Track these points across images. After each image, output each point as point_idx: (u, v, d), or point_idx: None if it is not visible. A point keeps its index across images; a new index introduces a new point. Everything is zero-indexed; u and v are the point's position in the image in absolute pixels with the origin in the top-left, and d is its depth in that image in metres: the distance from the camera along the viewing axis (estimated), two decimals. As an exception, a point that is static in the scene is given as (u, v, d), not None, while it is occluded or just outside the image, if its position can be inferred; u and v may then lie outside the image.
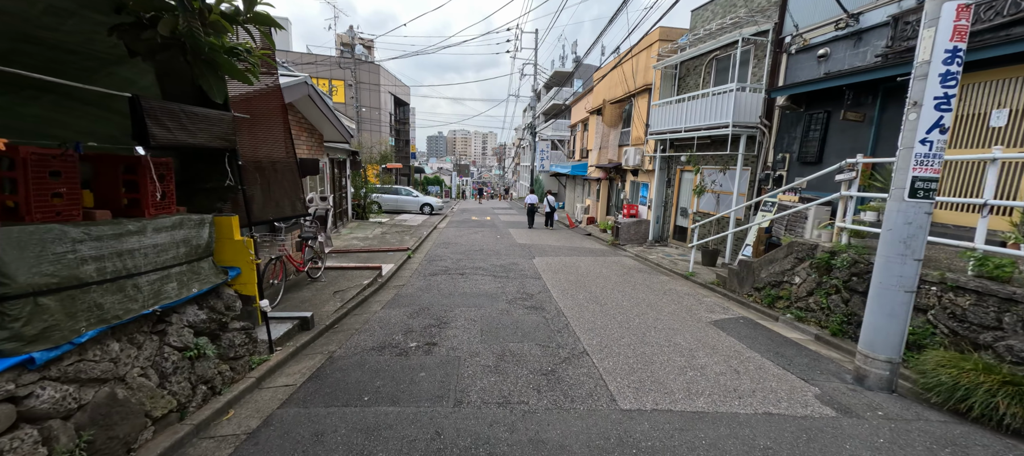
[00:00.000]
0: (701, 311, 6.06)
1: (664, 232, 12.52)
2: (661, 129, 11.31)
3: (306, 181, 10.37)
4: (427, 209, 20.67)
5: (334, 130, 8.14)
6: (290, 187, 3.99)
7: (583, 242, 13.21)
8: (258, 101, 3.79)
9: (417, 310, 5.63)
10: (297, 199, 4.01)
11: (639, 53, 12.74)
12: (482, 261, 9.33)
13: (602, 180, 16.93)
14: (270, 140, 3.90)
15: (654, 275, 8.62)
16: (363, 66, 28.01)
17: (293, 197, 4.00)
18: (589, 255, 10.71)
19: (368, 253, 9.68)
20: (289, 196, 3.98)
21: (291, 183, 3.99)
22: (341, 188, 14.31)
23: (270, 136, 3.90)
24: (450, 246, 11.43)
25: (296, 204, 3.99)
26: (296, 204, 3.99)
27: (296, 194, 4.01)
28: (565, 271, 8.53)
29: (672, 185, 12.14)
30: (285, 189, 3.96)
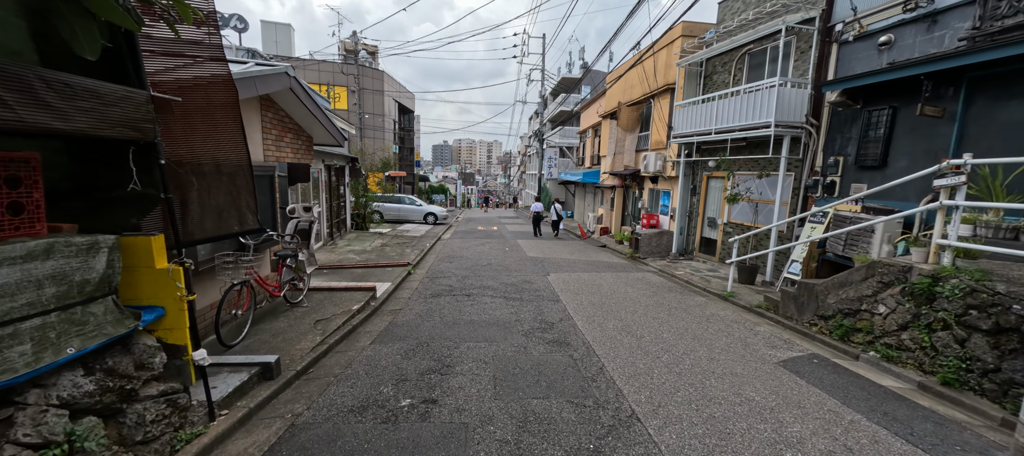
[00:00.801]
0: (760, 346, 4.96)
1: (689, 244, 11.42)
2: (686, 132, 10.28)
3: (299, 189, 9.43)
4: (431, 219, 19.72)
5: (325, 132, 7.19)
6: (240, 195, 2.99)
7: (599, 255, 12.14)
8: (199, 89, 2.81)
9: (414, 346, 4.59)
10: (247, 211, 3.01)
11: (660, 51, 11.78)
12: (491, 278, 8.29)
13: (616, 188, 15.90)
14: (216, 137, 2.92)
15: (687, 295, 7.52)
16: (366, 72, 27.35)
17: (242, 209, 2.99)
18: (609, 271, 9.64)
19: (363, 269, 8.68)
20: (237, 207, 2.97)
21: (242, 190, 2.99)
22: (339, 197, 13.40)
23: (217, 132, 2.92)
24: (455, 260, 10.41)
25: (245, 217, 2.99)
26: (245, 217, 2.99)
27: (246, 205, 3.01)
28: (586, 291, 7.46)
29: (698, 193, 11.07)
30: (233, 198, 2.96)
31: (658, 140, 12.19)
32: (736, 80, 9.69)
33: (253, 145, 5.34)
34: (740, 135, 8.69)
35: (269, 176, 5.57)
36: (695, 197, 11.17)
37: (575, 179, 21.12)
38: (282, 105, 6.11)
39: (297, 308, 5.44)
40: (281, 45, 26.41)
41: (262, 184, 5.45)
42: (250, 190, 2.97)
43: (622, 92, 14.85)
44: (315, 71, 26.22)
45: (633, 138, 13.99)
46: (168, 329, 2.66)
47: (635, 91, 13.70)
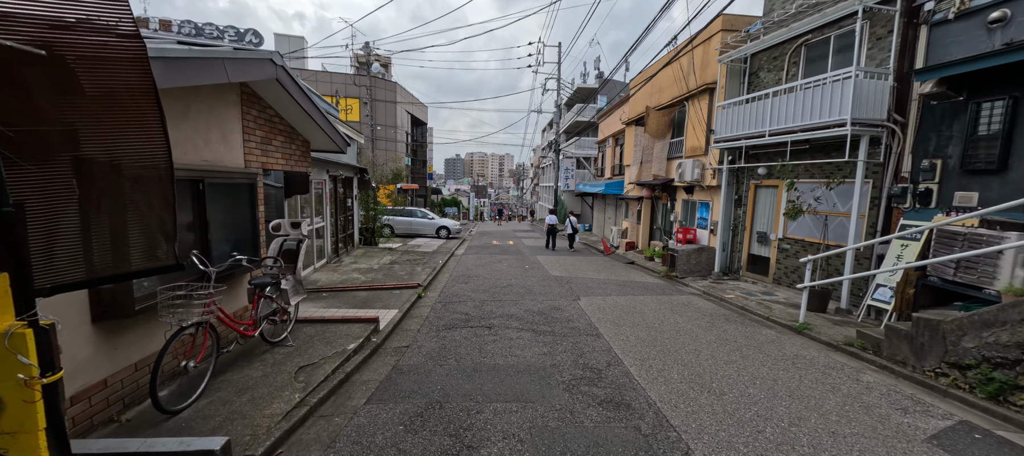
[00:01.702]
0: (885, 408, 3.69)
1: (734, 262, 10.10)
2: (731, 135, 9.09)
3: (298, 201, 8.49)
4: (443, 233, 18.73)
5: (324, 136, 6.23)
6: (149, 213, 1.90)
7: (629, 274, 10.89)
8: (84, 35, 1.77)
9: (423, 408, 3.46)
10: (160, 237, 1.91)
11: (696, 47, 10.67)
12: (513, 304, 7.13)
13: (643, 199, 14.68)
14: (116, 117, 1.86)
15: (750, 326, 6.25)
16: (379, 83, 26.87)
17: (153, 233, 1.90)
18: (646, 293, 8.40)
19: (368, 292, 7.62)
20: (145, 230, 1.88)
21: (154, 205, 1.91)
22: (346, 210, 12.48)
23: (117, 110, 1.86)
24: (471, 280, 9.29)
25: (156, 246, 1.89)
26: (156, 246, 1.89)
27: (160, 228, 1.91)
28: (628, 321, 6.25)
29: (743, 204, 9.79)
30: (139, 216, 1.88)
31: (694, 146, 10.99)
32: (791, 76, 8.49)
33: (230, 146, 4.36)
34: (802, 136, 7.46)
35: (248, 185, 4.57)
36: (740, 209, 9.89)
37: (595, 190, 19.96)
38: (271, 102, 5.15)
39: (279, 348, 4.37)
40: (294, 56, 26.12)
41: (239, 194, 4.45)
42: (167, 203, 1.89)
43: (649, 96, 13.75)
44: (328, 83, 25.84)
45: (663, 145, 12.82)
46: (7, 434, 1.58)
47: (665, 93, 12.57)
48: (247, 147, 4.71)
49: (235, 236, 4.35)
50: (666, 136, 12.72)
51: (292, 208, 8.16)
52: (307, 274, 8.85)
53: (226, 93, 4.32)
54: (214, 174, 3.97)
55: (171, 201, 1.89)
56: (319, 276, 8.82)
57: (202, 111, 3.95)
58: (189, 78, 3.20)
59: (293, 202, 8.26)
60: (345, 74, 26.48)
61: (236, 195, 4.40)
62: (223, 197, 4.18)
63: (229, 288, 4.19)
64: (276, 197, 7.31)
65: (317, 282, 8.27)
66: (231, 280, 4.17)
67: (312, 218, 9.26)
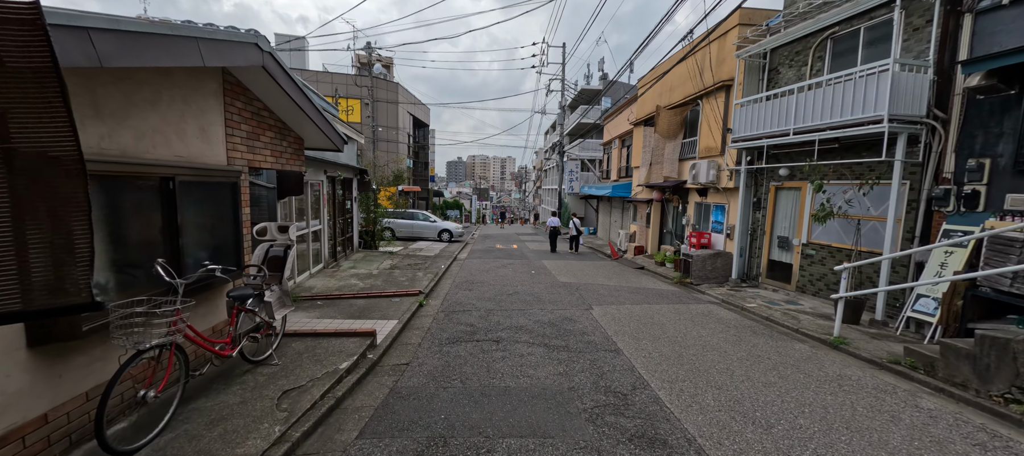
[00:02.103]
0: (959, 443, 3.18)
1: (752, 268, 9.58)
2: (750, 135, 8.59)
3: (293, 203, 8.03)
4: (446, 236, 18.27)
5: (318, 133, 5.77)
6: (55, 226, 1.40)
7: (641, 280, 10.38)
8: None
9: (424, 445, 2.97)
10: (67, 261, 1.41)
11: (711, 43, 10.18)
12: (521, 314, 6.64)
13: (653, 202, 14.18)
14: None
15: (781, 340, 5.73)
16: (380, 84, 26.49)
17: (59, 256, 1.39)
18: (661, 301, 7.89)
19: (366, 300, 7.14)
20: (50, 251, 1.38)
21: (65, 213, 1.41)
22: (346, 213, 12.03)
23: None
24: (475, 286, 8.80)
25: (65, 275, 1.38)
26: (65, 275, 1.38)
27: (67, 248, 1.41)
28: (647, 333, 5.75)
29: (763, 207, 9.28)
30: (40, 227, 1.38)
31: (709, 146, 10.50)
32: (815, 71, 8.00)
33: (209, 141, 3.89)
34: (832, 135, 6.96)
35: (230, 184, 4.10)
36: (759, 212, 9.38)
37: (601, 193, 19.46)
38: (258, 94, 4.69)
39: (263, 368, 3.88)
40: (294, 57, 25.79)
41: (219, 195, 3.97)
42: (82, 213, 1.39)
43: (659, 95, 13.27)
44: (329, 83, 25.47)
45: (674, 145, 12.33)
46: None
47: (677, 92, 12.09)
48: (230, 143, 4.24)
49: (214, 242, 3.88)
50: (678, 136, 12.23)
51: (295, 211, 7.69)
52: (302, 280, 8.38)
53: (205, 81, 3.86)
54: (189, 171, 3.50)
55: (85, 209, 1.40)
56: (315, 282, 8.35)
57: (176, 100, 3.49)
58: (153, 58, 2.74)
59: (288, 204, 7.80)
60: (346, 74, 26.10)
61: (216, 196, 3.93)
62: (201, 198, 3.71)
63: (203, 301, 3.71)
64: (268, 199, 6.85)
65: (312, 289, 7.80)
66: (207, 292, 3.69)
67: (308, 221, 8.80)
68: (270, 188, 6.92)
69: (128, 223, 3.04)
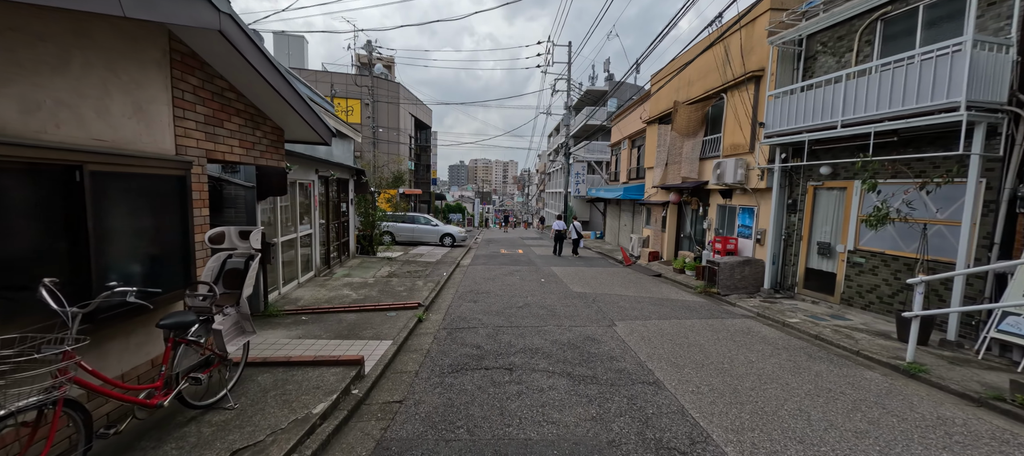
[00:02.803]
0: None
1: (787, 277, 8.67)
2: (787, 129, 7.72)
3: (279, 205, 7.19)
4: (448, 240, 17.43)
5: (300, 123, 4.92)
6: None
7: (660, 289, 9.49)
8: None
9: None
10: None
11: (738, 30, 9.33)
12: (535, 331, 5.76)
13: (668, 205, 13.29)
14: None
15: (845, 366, 4.83)
16: (381, 84, 25.76)
17: None
18: (690, 315, 7.00)
19: (358, 314, 6.28)
20: None
21: None
22: (341, 216, 11.21)
23: None
24: (480, 297, 7.93)
25: None
26: None
27: None
28: (686, 358, 4.86)
29: (799, 210, 8.39)
30: None
31: (736, 143, 9.62)
32: (863, 57, 7.13)
33: (148, 123, 3.05)
34: (892, 126, 6.07)
35: (177, 178, 3.24)
36: (794, 215, 8.48)
37: (612, 196, 18.59)
38: (220, 69, 3.85)
39: (212, 415, 3.02)
40: (293, 57, 25.10)
41: (161, 191, 3.12)
42: None
43: (676, 90, 12.42)
44: (328, 83, 24.77)
45: (694, 143, 11.46)
46: None
47: (697, 86, 11.24)
48: (181, 127, 3.40)
49: (152, 252, 3.02)
50: (698, 134, 11.36)
51: (281, 213, 6.80)
52: (289, 290, 7.54)
53: (144, 47, 3.02)
54: (109, 160, 2.65)
55: None
56: (302, 293, 7.50)
57: (94, 67, 2.65)
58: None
59: (274, 207, 6.95)
60: (346, 74, 25.38)
61: (156, 193, 3.07)
62: (131, 195, 2.87)
63: (122, 334, 2.84)
64: (246, 200, 6.02)
65: (299, 301, 6.95)
66: (127, 322, 2.82)
67: (296, 225, 7.97)
68: (248, 187, 6.10)
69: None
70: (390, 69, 30.53)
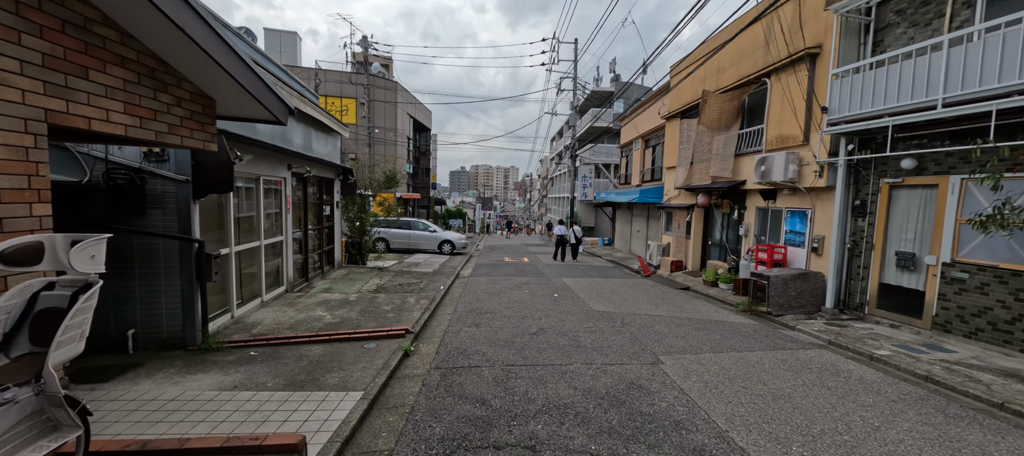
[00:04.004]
0: None
1: (854, 294, 7.19)
2: (860, 113, 6.32)
3: (227, 207, 5.75)
4: (447, 248, 16.01)
5: (237, 90, 3.49)
6: None
7: (696, 306, 8.03)
8: None
9: None
10: None
11: (783, 4, 7.94)
12: (560, 375, 4.31)
13: (694, 208, 11.85)
14: None
15: (1006, 432, 3.37)
16: (378, 82, 24.47)
17: None
18: (750, 344, 5.53)
19: (327, 345, 4.82)
20: None
21: None
22: (323, 221, 9.80)
23: None
24: (484, 319, 6.48)
25: None
26: None
27: None
28: (778, 418, 3.40)
29: (870, 212, 6.94)
30: None
31: (784, 135, 8.19)
32: (958, 23, 5.73)
33: None
34: (1019, 104, 4.64)
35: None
36: (862, 219, 7.03)
37: (625, 199, 17.15)
38: (83, -10, 2.44)
39: None
40: (286, 54, 23.85)
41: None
42: None
43: (702, 79, 11.04)
44: (321, 81, 23.48)
45: (727, 138, 10.04)
46: None
47: (730, 72, 9.85)
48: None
49: None
50: (732, 126, 9.95)
51: (233, 217, 5.27)
52: (246, 312, 6.09)
53: None
54: None
55: None
56: (264, 315, 6.05)
57: None
58: None
59: (223, 208, 5.50)
60: (340, 71, 24.11)
61: None
62: None
63: None
64: (177, 198, 4.60)
65: (255, 326, 5.51)
66: None
67: (259, 231, 6.54)
68: (181, 181, 4.67)
69: None
70: (388, 68, 29.27)
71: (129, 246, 4.51)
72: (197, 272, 4.67)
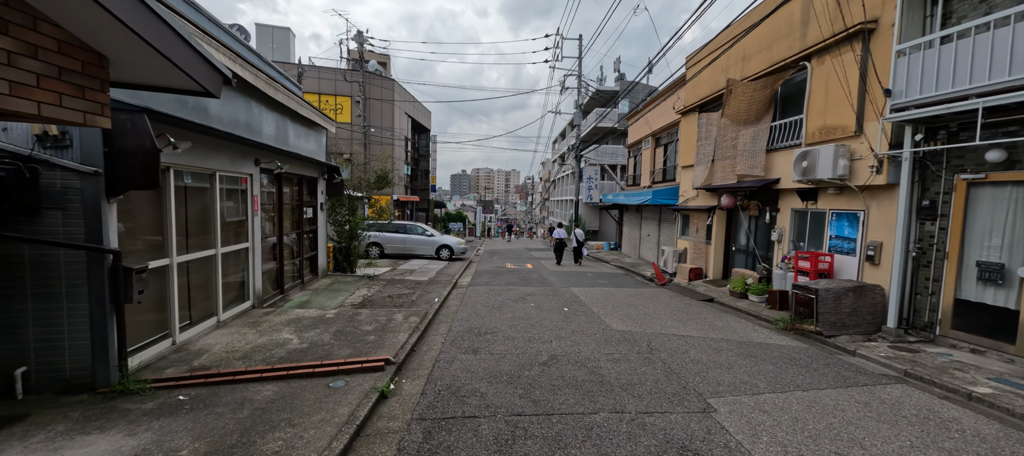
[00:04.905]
0: None
1: (923, 312, 6.09)
2: (936, 96, 5.25)
3: (168, 206, 4.69)
4: (445, 253, 14.95)
5: (137, 44, 2.45)
6: None
7: (728, 322, 6.94)
8: None
9: None
10: None
11: (829, -25, 6.89)
12: (583, 435, 3.23)
13: (715, 210, 10.77)
14: None
15: None
16: (374, 80, 23.49)
17: None
18: (813, 379, 4.44)
19: (281, 383, 3.73)
20: None
21: None
22: (304, 224, 8.75)
23: None
24: (483, 342, 5.39)
25: None
26: None
27: None
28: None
29: (941, 214, 5.85)
30: None
31: (830, 125, 7.12)
32: (1067, -20, 4.65)
33: None
34: None
35: None
36: (933, 223, 5.94)
37: (636, 201, 16.06)
38: None
39: None
40: (278, 51, 22.91)
41: None
42: None
43: (725, 70, 9.99)
44: (314, 79, 22.55)
45: (756, 132, 8.97)
46: None
47: (759, 59, 8.80)
48: None
49: None
50: (762, 118, 8.88)
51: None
52: (195, 336, 5.02)
53: None
54: None
55: None
56: (216, 340, 4.98)
57: None
58: None
59: (158, 207, 4.43)
60: (334, 68, 23.14)
61: None
62: None
63: None
64: (83, 194, 3.53)
65: (202, 354, 4.43)
66: None
67: (214, 236, 5.48)
68: (88, 173, 3.60)
69: None
70: (385, 66, 28.31)
71: (18, 257, 3.44)
72: (111, 291, 3.61)
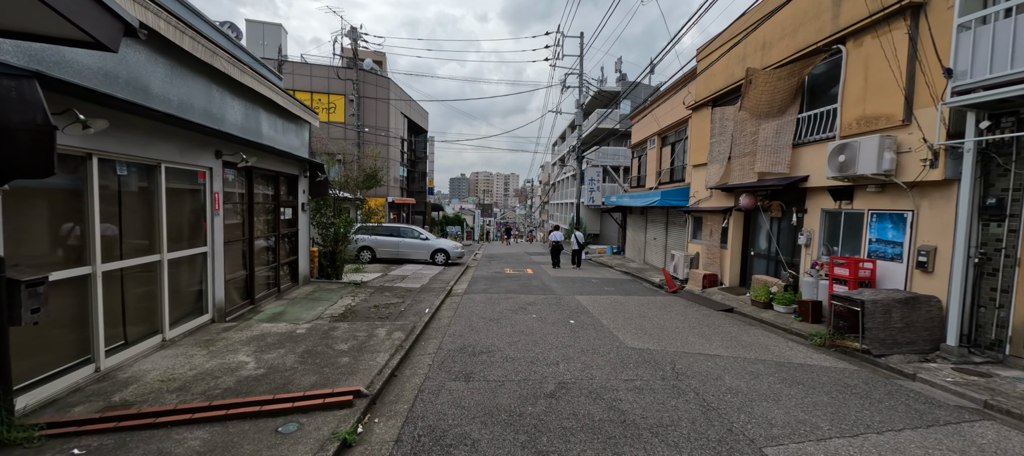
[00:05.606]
0: None
1: (988, 328, 5.24)
2: (1012, 74, 4.45)
3: (89, 206, 3.86)
4: (441, 258, 14.11)
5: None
6: None
7: (756, 337, 6.11)
8: None
9: None
10: None
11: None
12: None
13: (731, 212, 9.96)
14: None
15: None
16: (369, 78, 22.69)
17: None
18: (892, 418, 3.61)
19: (215, 428, 2.85)
20: None
21: None
22: (281, 226, 7.92)
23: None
24: (477, 365, 4.54)
25: None
26: None
27: None
28: None
29: (1010, 215, 5.02)
30: None
31: (871, 114, 6.31)
32: None
33: None
34: None
35: None
36: (1001, 224, 5.11)
37: (642, 203, 15.22)
38: None
39: None
40: (269, 47, 22.12)
41: None
42: None
43: (741, 60, 9.22)
44: (307, 76, 21.78)
45: (779, 125, 8.17)
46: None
47: (782, 46, 8.01)
48: None
49: None
50: (787, 110, 8.08)
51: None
52: (134, 356, 4.16)
53: None
54: None
55: None
56: (154, 364, 4.12)
57: None
58: None
59: (83, 205, 3.58)
60: (327, 66, 22.34)
61: None
62: None
63: None
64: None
65: (129, 385, 3.57)
66: None
67: (160, 239, 4.62)
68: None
69: None
70: (381, 65, 27.52)
71: None
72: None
